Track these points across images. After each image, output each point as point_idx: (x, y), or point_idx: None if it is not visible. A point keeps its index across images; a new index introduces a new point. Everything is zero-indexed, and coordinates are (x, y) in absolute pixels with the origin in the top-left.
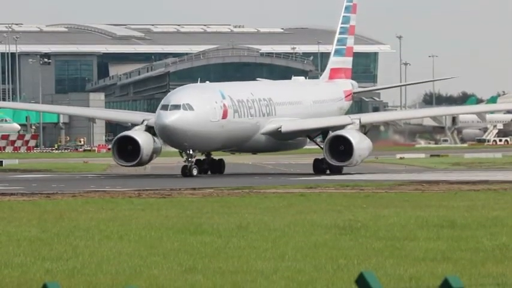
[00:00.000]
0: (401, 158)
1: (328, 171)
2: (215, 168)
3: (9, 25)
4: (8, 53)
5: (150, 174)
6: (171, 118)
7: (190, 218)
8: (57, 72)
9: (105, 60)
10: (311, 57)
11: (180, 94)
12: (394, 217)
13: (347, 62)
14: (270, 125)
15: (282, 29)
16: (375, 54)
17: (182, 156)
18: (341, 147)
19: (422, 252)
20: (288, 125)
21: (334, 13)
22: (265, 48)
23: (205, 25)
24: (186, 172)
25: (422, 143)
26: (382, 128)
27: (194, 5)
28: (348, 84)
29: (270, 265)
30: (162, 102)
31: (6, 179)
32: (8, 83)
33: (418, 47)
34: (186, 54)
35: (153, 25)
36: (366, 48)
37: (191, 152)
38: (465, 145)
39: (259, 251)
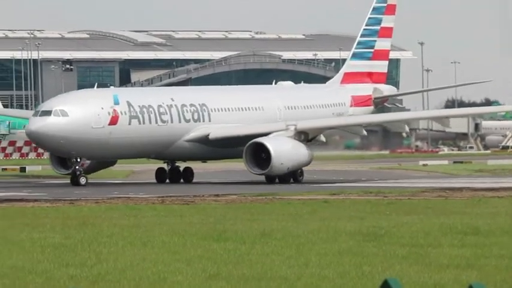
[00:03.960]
0: (424, 165)
1: (277, 180)
2: (176, 176)
3: (32, 31)
4: (30, 60)
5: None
6: (37, 125)
7: (213, 225)
8: (79, 78)
9: (127, 67)
10: (333, 64)
11: (57, 100)
12: (417, 224)
13: (375, 65)
14: (196, 132)
15: (304, 35)
16: (397, 60)
17: (70, 165)
18: (263, 155)
19: (446, 259)
20: (217, 131)
21: (356, 19)
22: (287, 55)
23: (226, 31)
24: (74, 181)
25: (445, 150)
26: (404, 134)
27: (216, 11)
28: (366, 89)
29: (294, 272)
30: (36, 108)
31: (29, 185)
32: (30, 90)
33: (440, 54)
34: (208, 60)
35: (174, 31)
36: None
37: (78, 160)
38: (488, 152)
39: (283, 258)
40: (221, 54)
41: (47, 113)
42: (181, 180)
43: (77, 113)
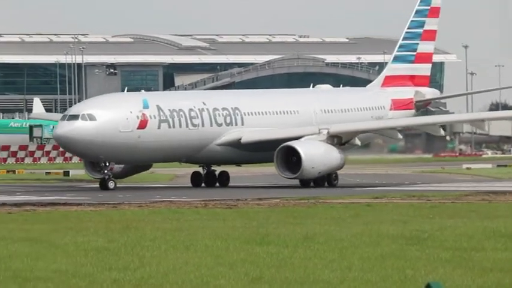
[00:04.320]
0: (468, 168)
1: (312, 184)
2: (212, 180)
3: (76, 36)
4: (74, 64)
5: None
6: (64, 129)
7: (256, 228)
8: (123, 82)
9: (171, 71)
10: (376, 67)
11: (85, 104)
12: (461, 227)
13: (418, 68)
14: (228, 136)
15: (347, 38)
16: (441, 64)
17: (100, 169)
18: (293, 159)
19: (490, 263)
20: (249, 135)
21: (400, 22)
22: (331, 58)
23: (270, 35)
24: (103, 185)
25: (489, 153)
26: (448, 137)
27: (259, 15)
28: (408, 93)
29: (336, 276)
30: (65, 112)
31: (73, 189)
32: (74, 94)
33: (485, 57)
34: (251, 64)
35: (218, 35)
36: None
37: (106, 164)
38: None
39: (325, 262)
40: (265, 58)
41: (75, 117)
42: (217, 184)
43: (105, 117)
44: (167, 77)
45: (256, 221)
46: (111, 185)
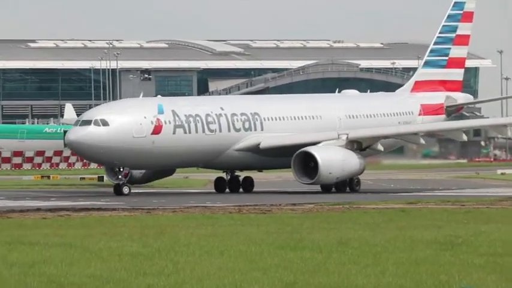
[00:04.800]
0: (502, 174)
1: (333, 189)
2: (236, 186)
3: (110, 41)
4: (109, 69)
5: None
6: (76, 134)
7: (290, 234)
8: (157, 87)
9: (205, 76)
10: (411, 72)
11: (99, 109)
12: (495, 233)
13: (450, 73)
14: (247, 141)
15: (382, 43)
16: (476, 69)
17: (115, 174)
18: (311, 164)
19: None
20: (268, 141)
21: (434, 27)
22: (365, 63)
23: (304, 40)
24: (117, 191)
25: None
26: (482, 143)
27: (293, 20)
28: (438, 98)
29: (370, 281)
30: (78, 117)
31: (107, 194)
32: (109, 99)
33: None
34: (286, 69)
35: (252, 40)
36: (466, 63)
37: (121, 170)
38: None
39: (359, 267)
40: (299, 63)
41: (87, 122)
42: (241, 190)
43: (118, 122)
44: (201, 83)
45: (290, 226)
46: (125, 190)
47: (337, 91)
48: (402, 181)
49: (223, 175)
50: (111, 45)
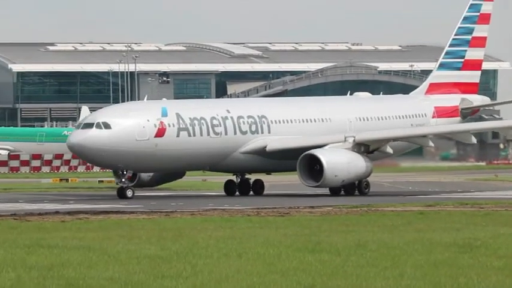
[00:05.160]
0: None
1: (342, 192)
2: (246, 189)
3: (129, 44)
4: (127, 72)
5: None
6: (78, 137)
7: (308, 236)
8: (176, 90)
9: (223, 79)
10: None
11: (101, 112)
12: None
13: (465, 76)
14: (253, 144)
15: (400, 46)
16: (494, 71)
17: (117, 177)
18: (316, 167)
19: None
20: (274, 143)
21: (452, 30)
22: (383, 66)
23: (323, 43)
24: (121, 194)
25: None
26: (501, 145)
27: (312, 23)
28: (453, 100)
29: (389, 283)
30: (79, 120)
31: (125, 197)
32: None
33: None
34: (304, 72)
35: (270, 43)
36: (485, 66)
37: (124, 173)
38: None
39: (378, 270)
40: (318, 66)
41: (89, 125)
42: (251, 193)
43: (121, 125)
44: (220, 85)
45: (309, 228)
46: (129, 193)
47: (348, 93)
48: (420, 183)
49: (234, 178)
50: (129, 48)
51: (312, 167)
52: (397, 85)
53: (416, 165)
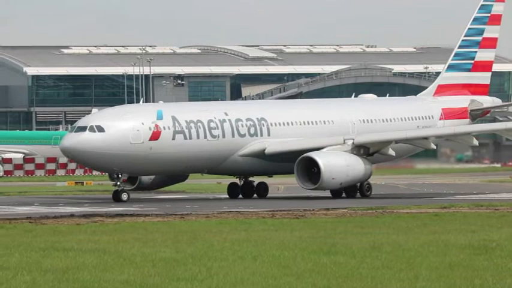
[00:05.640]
0: None
1: (343, 195)
2: (250, 191)
3: (143, 47)
4: (142, 75)
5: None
6: (70, 141)
7: (323, 238)
8: (190, 93)
9: (238, 81)
10: None
11: (95, 115)
12: None
13: (475, 77)
14: (252, 147)
15: (415, 48)
16: (509, 73)
17: (112, 180)
18: (314, 170)
19: None
20: (273, 146)
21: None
22: (398, 68)
23: (337, 45)
24: (116, 197)
25: None
26: None
27: (326, 25)
28: (462, 102)
29: (404, 285)
30: (74, 124)
31: (140, 200)
32: None
33: None
34: (319, 74)
35: (285, 46)
36: (499, 67)
37: (119, 176)
38: None
39: (393, 272)
40: (332, 68)
41: (83, 128)
42: (255, 195)
43: (114, 128)
44: (234, 88)
45: (324, 231)
46: (124, 197)
47: (353, 95)
48: (436, 185)
49: (237, 181)
50: (144, 51)
51: (310, 170)
52: (411, 87)
53: (431, 167)
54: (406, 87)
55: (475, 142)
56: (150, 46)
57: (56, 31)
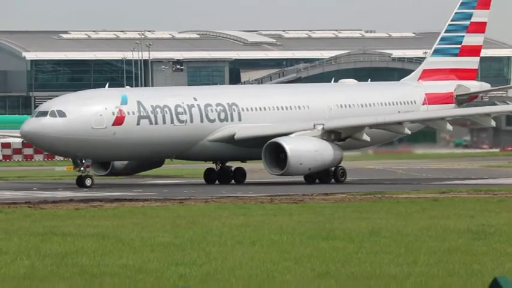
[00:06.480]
0: None
1: (317, 181)
2: (227, 177)
3: (142, 32)
4: (141, 60)
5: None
6: (30, 126)
7: (322, 223)
8: (189, 78)
9: (237, 66)
10: None
11: (57, 100)
12: None
13: (462, 62)
14: (222, 132)
15: (414, 33)
16: (508, 58)
17: (75, 166)
18: (281, 155)
19: None
20: (243, 131)
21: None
22: (397, 53)
23: (336, 30)
24: (80, 183)
25: None
26: None
27: (325, 10)
28: (447, 87)
29: (403, 270)
30: (36, 109)
31: (139, 185)
32: None
33: None
34: (317, 59)
35: (284, 31)
36: (498, 52)
37: (83, 161)
38: None
39: (392, 256)
40: (331, 53)
41: (44, 113)
42: (233, 181)
43: (76, 113)
44: (233, 73)
45: (322, 216)
46: (88, 182)
47: (333, 80)
48: (434, 170)
49: (213, 166)
50: (143, 36)
51: (279, 156)
52: (410, 72)
53: (430, 152)
54: (405, 72)
55: (450, 128)
56: (149, 31)
57: (55, 16)
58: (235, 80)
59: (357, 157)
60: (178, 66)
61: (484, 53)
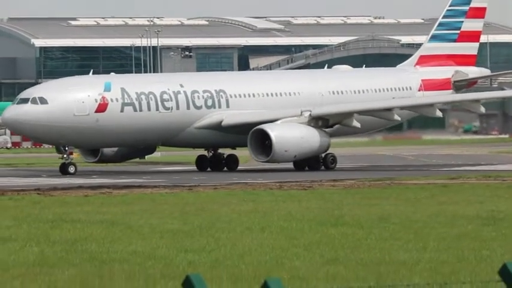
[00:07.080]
0: None
1: (306, 168)
2: (219, 164)
3: (151, 19)
4: (149, 47)
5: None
6: (12, 112)
7: (331, 210)
8: (198, 65)
9: (246, 53)
10: None
11: (39, 87)
12: None
13: (461, 47)
14: (209, 119)
15: (423, 19)
16: None
17: (59, 153)
18: (267, 142)
19: None
20: (230, 118)
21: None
22: (406, 39)
23: (345, 16)
24: (63, 170)
25: None
26: None
27: None
28: (444, 72)
29: (412, 256)
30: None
31: (148, 171)
32: None
33: None
34: (326, 46)
35: (293, 17)
36: (506, 38)
37: (66, 149)
38: None
39: (401, 242)
40: (340, 39)
41: (25, 100)
42: (225, 168)
43: (58, 100)
44: (242, 59)
45: (331, 202)
46: (71, 169)
47: (326, 67)
48: (444, 156)
49: (205, 153)
50: (151, 23)
51: (264, 142)
52: None
53: (439, 138)
54: None
55: (439, 114)
56: (158, 18)
57: (64, 3)
58: (244, 66)
59: (365, 143)
60: (187, 53)
61: (493, 38)
